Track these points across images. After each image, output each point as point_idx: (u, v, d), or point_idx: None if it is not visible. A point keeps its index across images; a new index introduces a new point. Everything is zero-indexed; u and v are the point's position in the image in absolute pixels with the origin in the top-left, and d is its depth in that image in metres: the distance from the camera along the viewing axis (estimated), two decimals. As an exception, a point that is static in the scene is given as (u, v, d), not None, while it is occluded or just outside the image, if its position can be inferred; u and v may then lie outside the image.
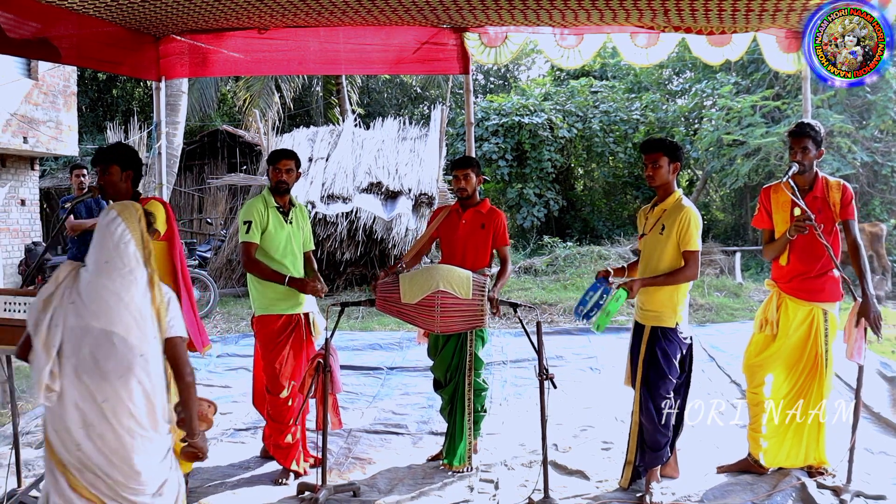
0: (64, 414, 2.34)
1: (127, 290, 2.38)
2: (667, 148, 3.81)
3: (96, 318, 2.35)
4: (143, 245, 2.47)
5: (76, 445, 2.32)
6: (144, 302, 2.41)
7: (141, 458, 2.37)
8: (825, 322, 3.86)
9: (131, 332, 2.36)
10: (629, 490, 3.84)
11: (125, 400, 2.34)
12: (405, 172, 12.45)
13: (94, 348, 2.34)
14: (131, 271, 2.41)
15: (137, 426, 2.36)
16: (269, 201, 4.19)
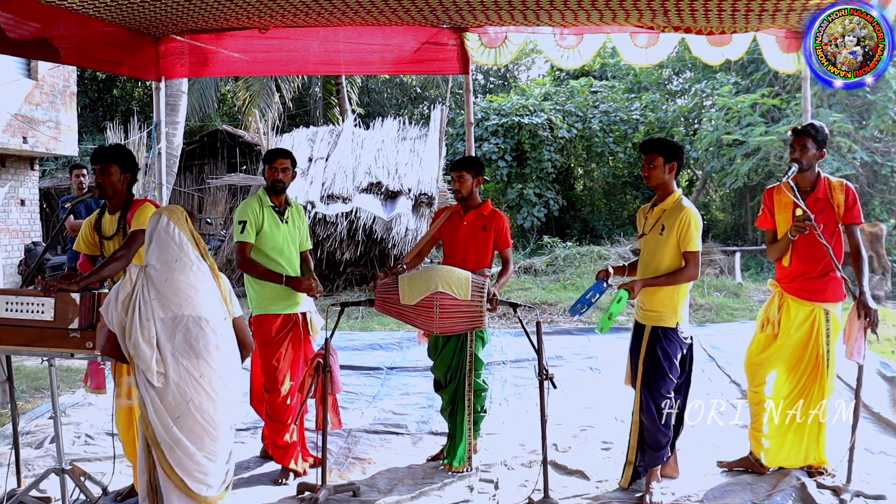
0: (166, 394, 2.74)
1: (200, 281, 2.81)
2: (662, 148, 3.80)
3: (183, 308, 2.75)
4: (195, 243, 2.87)
5: (174, 422, 2.73)
6: (214, 289, 2.85)
7: (230, 421, 2.85)
8: (827, 322, 3.86)
9: (213, 315, 2.80)
10: (629, 490, 3.84)
11: (218, 371, 2.78)
12: (405, 172, 12.46)
13: (185, 333, 2.76)
14: (198, 266, 2.82)
15: (228, 393, 2.81)
16: (265, 201, 4.18)
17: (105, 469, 4.08)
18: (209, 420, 2.79)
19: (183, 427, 2.75)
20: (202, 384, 2.76)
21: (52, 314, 3.20)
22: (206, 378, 2.77)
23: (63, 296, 3.20)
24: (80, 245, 3.84)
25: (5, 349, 3.38)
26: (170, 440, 2.76)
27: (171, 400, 2.75)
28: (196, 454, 2.78)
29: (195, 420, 2.76)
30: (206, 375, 2.77)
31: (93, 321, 3.24)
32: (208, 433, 2.79)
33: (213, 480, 2.84)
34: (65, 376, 6.48)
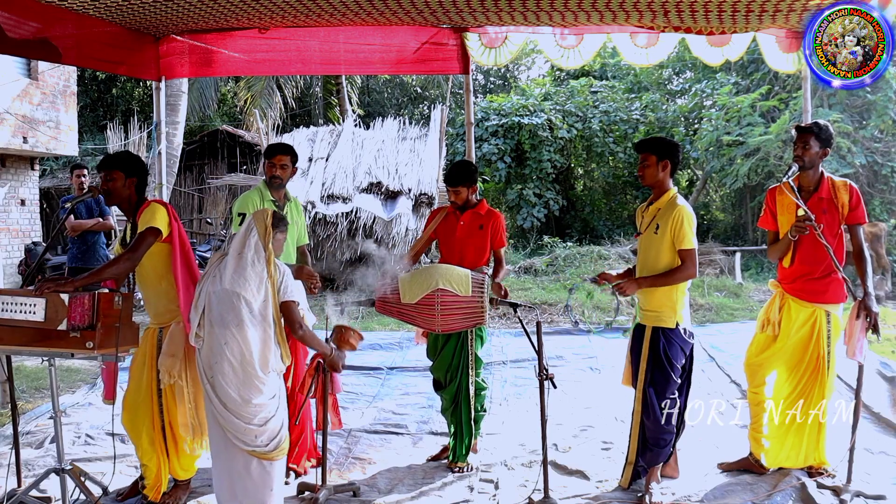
0: (203, 355, 3.24)
1: (253, 265, 3.25)
2: (655, 147, 3.80)
3: (228, 283, 3.21)
4: (264, 236, 3.31)
5: (208, 379, 3.22)
6: (263, 274, 3.25)
7: (250, 391, 3.17)
8: (828, 324, 3.85)
9: (250, 294, 3.21)
10: (629, 490, 3.84)
11: (240, 343, 3.17)
12: (405, 172, 12.46)
13: (222, 305, 3.20)
14: (255, 254, 3.27)
15: (248, 365, 3.17)
16: (265, 195, 4.18)
17: (105, 469, 4.08)
18: (230, 383, 3.18)
19: (214, 383, 3.20)
20: (225, 351, 3.17)
21: (42, 315, 3.20)
22: (230, 346, 3.16)
23: (53, 297, 3.19)
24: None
25: (5, 349, 3.38)
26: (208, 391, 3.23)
27: (205, 359, 3.23)
28: (221, 409, 3.20)
29: (218, 382, 3.19)
30: (231, 344, 3.17)
31: (92, 321, 3.24)
32: (229, 395, 3.18)
33: (246, 437, 3.20)
34: (65, 376, 6.48)
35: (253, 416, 3.20)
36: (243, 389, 3.18)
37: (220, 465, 3.29)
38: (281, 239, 3.43)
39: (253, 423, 3.20)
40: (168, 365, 3.58)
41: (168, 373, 3.58)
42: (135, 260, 3.44)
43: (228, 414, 3.19)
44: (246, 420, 3.19)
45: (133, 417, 3.66)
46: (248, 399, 3.18)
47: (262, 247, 3.31)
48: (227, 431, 3.22)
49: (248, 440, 3.20)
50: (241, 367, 3.18)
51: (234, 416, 3.19)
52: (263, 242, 3.32)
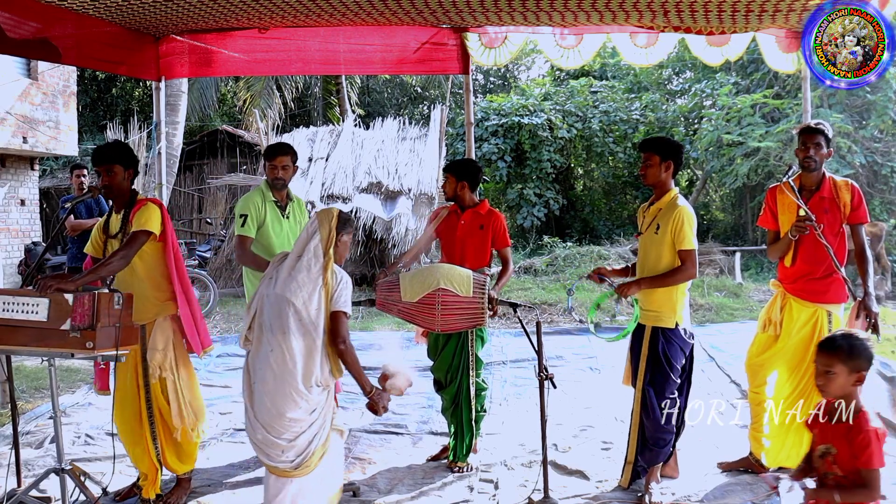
0: (250, 359, 3.11)
1: (308, 271, 3.07)
2: (658, 147, 3.80)
3: (280, 287, 3.05)
4: (326, 240, 3.13)
5: (249, 385, 3.08)
6: (318, 280, 3.07)
7: (286, 404, 2.97)
8: (829, 324, 3.85)
9: (300, 301, 3.02)
10: (629, 490, 3.84)
11: (285, 351, 2.98)
12: (405, 172, 12.45)
13: (272, 310, 3.05)
14: (312, 258, 3.09)
15: (289, 375, 2.98)
16: (267, 195, 4.18)
17: (105, 469, 4.08)
18: (267, 391, 3.01)
19: (254, 389, 3.05)
20: (269, 358, 3.02)
21: (45, 314, 3.20)
22: (275, 354, 3.01)
23: (57, 296, 3.19)
24: (89, 248, 3.83)
25: (5, 349, 3.38)
26: (245, 398, 3.12)
27: (252, 364, 3.11)
28: (253, 420, 3.03)
29: (259, 389, 3.03)
30: (275, 352, 3.01)
31: (92, 321, 3.23)
32: (264, 403, 3.01)
33: (272, 450, 3.01)
34: (65, 376, 6.48)
35: (284, 430, 2.99)
36: (279, 400, 2.97)
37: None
38: (346, 241, 3.23)
39: (282, 437, 2.99)
40: (158, 359, 3.64)
41: (159, 366, 3.64)
42: (129, 258, 3.51)
43: (258, 424, 3.01)
44: (275, 434, 2.99)
45: (121, 413, 3.72)
46: (282, 412, 2.97)
47: (322, 251, 3.11)
48: (254, 443, 3.06)
49: (272, 454, 3.01)
50: (281, 376, 2.98)
51: (263, 427, 2.99)
52: (324, 246, 3.12)
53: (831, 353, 2.45)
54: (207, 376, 6.57)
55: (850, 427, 2.40)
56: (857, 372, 2.44)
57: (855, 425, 2.39)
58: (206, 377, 6.52)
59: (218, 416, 5.41)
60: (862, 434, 2.35)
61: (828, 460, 2.42)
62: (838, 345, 2.45)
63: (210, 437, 4.88)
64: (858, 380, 2.44)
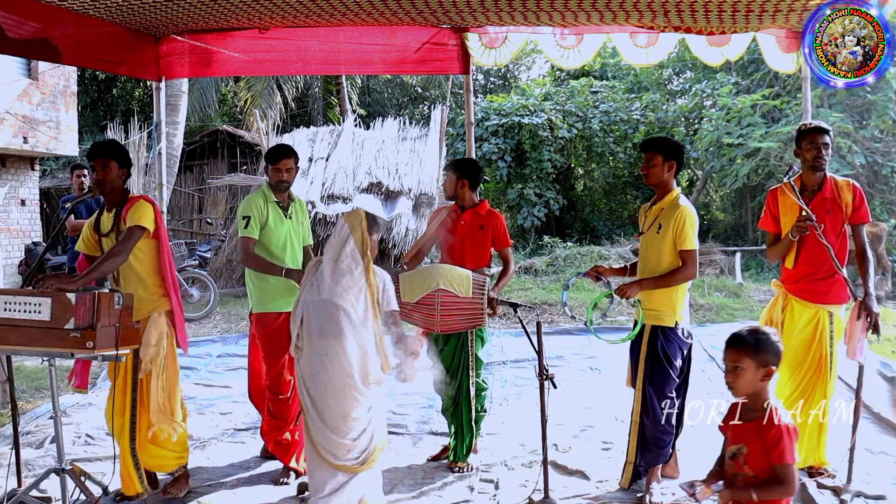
0: (302, 365, 3.20)
1: (351, 274, 3.18)
2: (661, 147, 3.80)
3: (327, 293, 3.15)
4: (361, 242, 3.23)
5: (307, 390, 3.18)
6: (362, 282, 3.18)
7: (349, 403, 3.11)
8: (830, 325, 3.85)
9: (350, 305, 3.13)
10: (629, 490, 3.84)
11: (340, 354, 3.10)
12: (405, 172, 12.45)
13: (321, 316, 3.14)
14: (352, 262, 3.20)
15: (348, 377, 3.11)
16: (269, 196, 4.19)
17: (105, 469, 4.08)
18: (328, 395, 3.13)
19: (314, 395, 3.16)
20: (325, 362, 3.12)
21: (48, 314, 3.20)
22: (329, 358, 3.11)
23: (59, 296, 3.20)
24: (80, 245, 3.86)
25: (5, 349, 3.38)
26: (306, 403, 3.20)
27: (305, 371, 3.20)
28: (319, 424, 3.14)
29: (318, 394, 3.15)
30: (330, 356, 3.11)
31: (92, 321, 3.24)
32: (328, 406, 3.13)
33: (340, 452, 3.14)
34: (64, 376, 6.47)
35: (350, 430, 3.13)
36: (342, 402, 3.11)
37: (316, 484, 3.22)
38: (375, 241, 3.34)
39: (348, 437, 3.13)
40: (151, 354, 3.66)
41: (150, 361, 3.66)
42: (125, 253, 3.56)
43: (324, 428, 3.12)
44: (342, 434, 3.13)
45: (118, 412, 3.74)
46: (346, 412, 3.12)
47: (360, 254, 3.22)
48: (318, 446, 3.15)
49: (339, 454, 3.14)
50: (340, 379, 3.11)
51: (330, 430, 3.12)
52: (361, 249, 3.23)
53: (738, 349, 2.39)
54: (207, 376, 6.57)
55: (761, 424, 2.34)
56: (765, 367, 2.36)
57: (766, 422, 2.33)
58: (206, 377, 6.52)
59: (218, 416, 5.41)
60: (773, 430, 2.30)
61: (738, 461, 2.38)
62: (745, 340, 2.38)
63: (210, 437, 4.89)
64: (766, 375, 2.37)
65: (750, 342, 2.37)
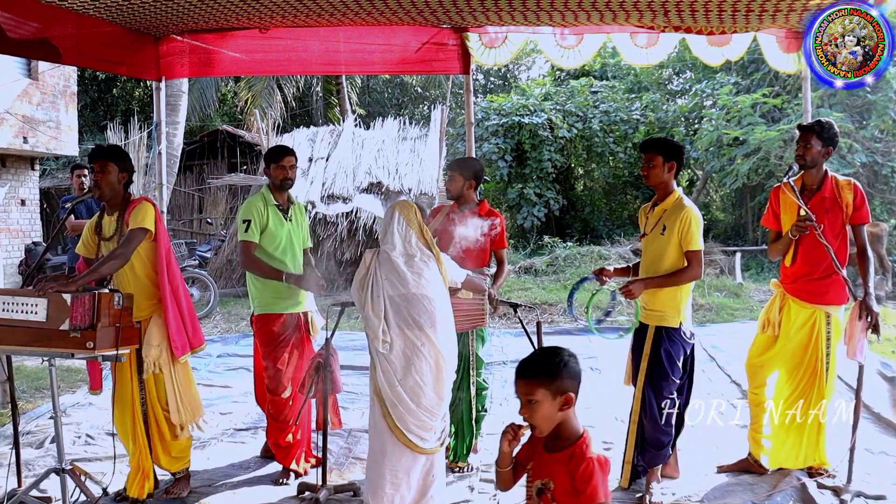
0: (391, 359, 3.25)
1: (427, 267, 3.32)
2: (662, 147, 3.80)
3: (409, 287, 3.24)
4: (422, 234, 3.36)
5: (396, 383, 3.22)
6: (437, 273, 3.35)
7: (445, 388, 3.28)
8: (827, 326, 3.84)
9: (434, 293, 3.27)
10: (629, 490, 3.84)
11: (436, 342, 3.23)
12: (405, 172, 12.45)
13: (411, 308, 3.23)
14: (421, 255, 3.32)
15: (444, 361, 3.26)
16: (269, 199, 4.18)
17: (105, 469, 4.08)
18: (427, 382, 3.24)
19: (405, 387, 3.23)
20: (423, 352, 3.22)
21: (45, 315, 3.20)
22: (427, 347, 3.22)
23: (56, 297, 3.20)
24: (80, 248, 3.86)
25: (5, 349, 3.38)
26: (393, 397, 3.24)
27: (396, 363, 3.25)
28: (415, 410, 3.23)
29: (415, 381, 3.22)
30: (427, 345, 3.22)
31: (92, 321, 3.24)
32: (426, 393, 3.23)
33: (429, 435, 3.28)
34: (65, 376, 6.48)
35: (442, 413, 3.31)
36: (439, 387, 3.26)
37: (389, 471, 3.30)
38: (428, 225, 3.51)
39: (438, 419, 3.29)
40: (153, 355, 3.68)
41: (154, 362, 3.68)
42: (126, 256, 3.55)
43: (420, 413, 3.23)
44: (435, 418, 3.27)
45: (120, 412, 3.76)
46: (443, 396, 3.28)
47: (427, 247, 3.37)
48: (406, 433, 3.24)
49: (427, 437, 3.27)
50: (438, 365, 3.26)
51: (426, 414, 3.25)
52: (426, 242, 3.37)
53: (528, 379, 2.09)
54: (207, 376, 6.57)
55: (569, 455, 2.08)
56: (562, 394, 2.07)
57: (576, 454, 2.07)
58: (207, 377, 6.52)
59: (218, 416, 5.41)
60: (583, 464, 2.03)
61: (545, 497, 2.11)
62: (534, 368, 2.10)
63: (210, 437, 4.88)
64: (566, 402, 2.08)
65: (540, 370, 2.10)
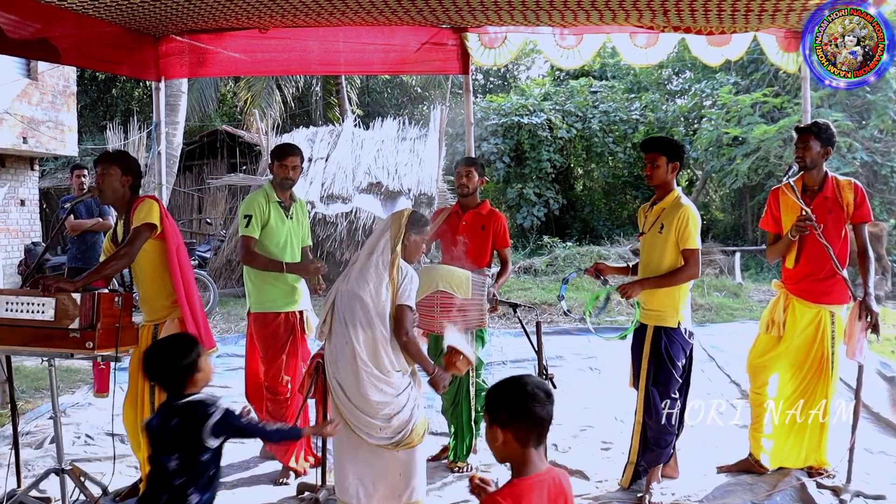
0: (327, 350, 3.30)
1: (376, 267, 3.22)
2: (665, 147, 3.80)
3: (353, 283, 3.22)
4: (395, 237, 3.27)
5: (335, 372, 3.24)
6: (385, 276, 3.21)
7: (369, 390, 3.16)
8: (832, 325, 3.85)
9: (368, 296, 3.18)
10: (630, 490, 3.84)
11: (354, 342, 3.16)
12: (405, 172, 12.45)
13: (345, 304, 3.22)
14: (378, 256, 3.24)
15: (363, 364, 3.16)
16: (271, 196, 4.18)
17: (105, 469, 4.07)
18: (348, 378, 3.20)
19: (337, 377, 3.23)
20: (346, 349, 3.20)
21: (52, 314, 3.19)
22: (349, 346, 3.19)
23: (64, 296, 3.19)
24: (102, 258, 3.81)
25: (5, 349, 3.38)
26: (334, 386, 3.27)
27: (329, 356, 3.29)
28: (347, 403, 3.22)
29: (343, 375, 3.22)
30: (350, 344, 3.19)
31: (93, 321, 3.24)
32: (349, 389, 3.21)
33: (373, 432, 3.19)
34: (65, 376, 6.48)
35: (375, 412, 3.18)
36: (361, 387, 3.17)
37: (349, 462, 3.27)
38: (417, 241, 3.34)
39: (376, 418, 3.18)
40: None
41: None
42: (131, 255, 3.45)
43: (353, 407, 3.19)
44: (369, 414, 3.18)
45: (130, 415, 3.72)
46: (365, 395, 3.17)
47: (391, 248, 3.26)
48: (352, 426, 3.21)
49: (372, 433, 3.19)
50: (355, 365, 3.18)
51: (358, 410, 3.18)
52: (392, 243, 3.27)
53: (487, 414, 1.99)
54: (207, 376, 6.56)
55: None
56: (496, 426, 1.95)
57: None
58: (206, 377, 6.52)
59: (218, 416, 5.40)
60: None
61: None
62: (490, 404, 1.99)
63: (210, 437, 4.87)
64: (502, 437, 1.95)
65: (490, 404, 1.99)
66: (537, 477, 1.93)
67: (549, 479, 1.96)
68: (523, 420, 1.92)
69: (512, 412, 1.93)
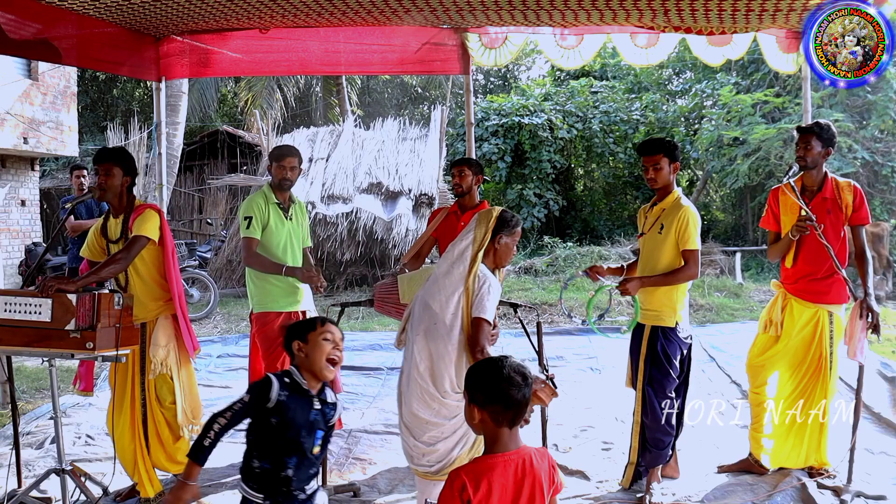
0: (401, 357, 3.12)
1: (449, 274, 2.98)
2: (666, 149, 3.80)
3: (424, 292, 3.04)
4: (479, 241, 3.00)
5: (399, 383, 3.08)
6: (459, 284, 2.94)
7: (420, 406, 2.93)
8: (830, 325, 3.85)
9: (437, 305, 2.94)
10: (630, 490, 3.84)
11: (415, 353, 2.96)
12: (405, 173, 12.46)
13: (418, 314, 3.02)
14: (452, 262, 3.00)
15: (419, 377, 2.94)
16: (270, 197, 4.19)
17: (105, 469, 4.08)
18: (404, 391, 3.02)
19: (400, 387, 3.06)
20: (408, 359, 3.03)
21: (49, 315, 3.20)
22: (414, 354, 2.98)
23: (60, 297, 3.20)
24: (85, 251, 3.87)
25: (5, 350, 3.38)
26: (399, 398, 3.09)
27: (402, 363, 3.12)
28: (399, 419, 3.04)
29: (402, 387, 3.04)
30: (414, 352, 2.99)
31: (93, 322, 3.24)
32: (405, 401, 3.00)
33: (413, 452, 2.98)
34: (65, 377, 6.47)
35: (421, 432, 2.92)
36: (414, 402, 2.93)
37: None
38: (508, 243, 3.04)
39: (421, 440, 2.92)
40: (161, 356, 3.70)
41: (161, 363, 3.70)
42: (128, 261, 3.59)
43: (403, 426, 2.98)
44: (416, 435, 2.93)
45: (118, 414, 3.78)
46: (413, 411, 2.92)
47: (471, 254, 2.96)
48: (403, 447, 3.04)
49: (414, 457, 2.96)
50: (412, 377, 2.95)
51: (406, 427, 2.96)
52: (474, 248, 2.97)
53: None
54: (207, 377, 6.57)
55: None
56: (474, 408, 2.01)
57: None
58: (207, 378, 6.52)
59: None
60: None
61: None
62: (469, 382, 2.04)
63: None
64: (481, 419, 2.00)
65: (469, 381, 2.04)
66: (504, 456, 2.00)
67: (517, 460, 2.02)
68: (498, 402, 1.98)
69: (488, 393, 1.99)
